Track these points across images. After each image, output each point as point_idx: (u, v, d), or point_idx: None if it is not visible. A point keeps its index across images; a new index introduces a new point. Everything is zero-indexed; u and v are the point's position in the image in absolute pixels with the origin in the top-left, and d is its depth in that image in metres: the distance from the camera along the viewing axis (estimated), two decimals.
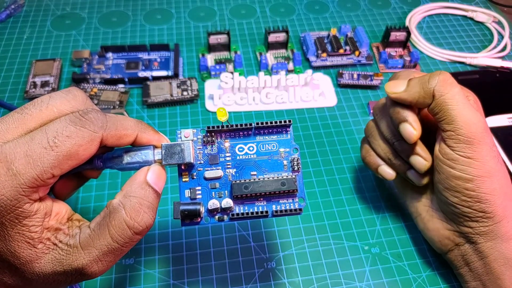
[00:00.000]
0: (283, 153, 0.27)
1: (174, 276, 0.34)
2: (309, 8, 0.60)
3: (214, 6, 0.60)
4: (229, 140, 0.26)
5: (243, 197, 0.26)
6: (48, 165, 0.21)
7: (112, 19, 0.57)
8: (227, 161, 0.26)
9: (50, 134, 0.21)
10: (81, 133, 0.22)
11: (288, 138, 0.27)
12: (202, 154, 0.26)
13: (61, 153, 0.21)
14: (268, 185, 0.25)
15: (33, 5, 0.59)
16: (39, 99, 0.23)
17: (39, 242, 0.22)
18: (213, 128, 0.26)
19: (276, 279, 0.34)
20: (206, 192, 0.26)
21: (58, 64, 0.49)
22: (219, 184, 0.26)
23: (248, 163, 0.26)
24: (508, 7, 0.64)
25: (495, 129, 0.42)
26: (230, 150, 0.26)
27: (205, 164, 0.26)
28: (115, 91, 0.46)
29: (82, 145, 0.22)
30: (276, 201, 0.26)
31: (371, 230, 0.37)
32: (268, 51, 0.52)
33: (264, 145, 0.27)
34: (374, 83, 0.48)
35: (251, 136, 0.27)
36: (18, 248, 0.21)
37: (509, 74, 0.50)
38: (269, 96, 0.46)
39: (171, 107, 0.46)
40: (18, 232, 0.21)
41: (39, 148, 0.21)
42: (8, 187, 0.20)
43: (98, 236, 0.22)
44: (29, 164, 0.20)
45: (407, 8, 0.61)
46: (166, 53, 0.51)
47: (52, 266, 0.22)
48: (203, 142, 0.26)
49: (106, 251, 0.22)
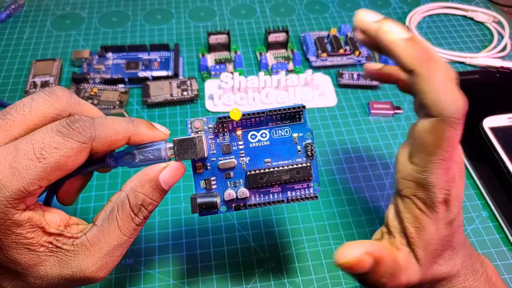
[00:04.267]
0: (296, 139, 0.26)
1: (174, 276, 0.34)
2: (309, 8, 0.60)
3: (214, 6, 0.60)
4: (241, 128, 0.26)
5: (258, 187, 0.26)
6: (35, 177, 0.20)
7: (112, 19, 0.57)
8: (240, 150, 0.26)
9: (36, 145, 0.20)
10: (69, 144, 0.21)
11: (301, 122, 0.26)
12: (215, 144, 0.26)
13: (49, 165, 0.20)
14: (283, 175, 0.25)
15: (33, 5, 0.59)
16: (21, 102, 0.22)
17: (40, 246, 0.21)
18: (225, 119, 0.25)
19: (276, 279, 0.34)
20: (221, 182, 0.26)
21: (58, 64, 0.49)
22: (233, 174, 0.26)
23: (262, 151, 0.26)
24: (508, 7, 0.64)
25: (495, 129, 0.42)
26: (243, 138, 0.26)
27: (218, 154, 0.26)
28: (115, 91, 0.46)
29: (71, 156, 0.21)
30: (291, 187, 0.26)
31: (371, 230, 0.37)
32: (268, 51, 0.52)
33: (277, 131, 0.26)
34: (374, 83, 0.48)
35: (263, 123, 0.26)
36: (17, 255, 0.21)
37: (509, 74, 0.50)
38: (269, 96, 0.46)
39: (171, 107, 0.46)
40: (14, 241, 0.21)
41: (25, 160, 0.20)
42: None
43: (108, 231, 0.22)
44: (14, 176, 0.20)
45: (407, 8, 0.61)
46: (166, 53, 0.51)
47: (59, 268, 0.22)
48: (215, 131, 0.25)
49: (116, 245, 0.23)
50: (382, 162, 0.42)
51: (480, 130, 0.42)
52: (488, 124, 0.42)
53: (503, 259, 0.36)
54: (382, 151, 0.43)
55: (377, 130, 0.45)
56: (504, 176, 0.39)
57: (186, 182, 0.39)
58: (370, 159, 0.42)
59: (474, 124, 0.43)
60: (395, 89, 0.49)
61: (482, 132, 0.42)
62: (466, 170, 0.42)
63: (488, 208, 0.39)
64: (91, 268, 0.22)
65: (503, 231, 0.37)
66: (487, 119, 0.42)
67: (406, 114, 0.47)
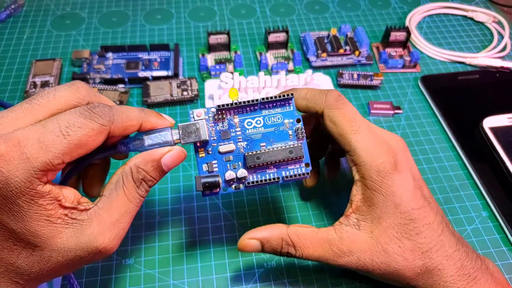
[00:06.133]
0: (287, 124, 0.29)
1: (174, 276, 0.34)
2: (309, 8, 0.61)
3: (214, 6, 0.60)
4: (238, 116, 0.29)
5: (255, 167, 0.28)
6: (60, 151, 0.22)
7: (112, 19, 0.57)
8: (238, 135, 0.29)
9: (62, 124, 0.23)
10: (91, 124, 0.23)
11: (291, 110, 0.29)
12: (215, 131, 0.29)
13: (72, 141, 0.23)
14: (278, 154, 0.28)
15: (33, 5, 0.59)
16: (46, 90, 0.25)
17: (57, 218, 0.23)
18: (223, 106, 0.28)
19: (276, 279, 0.34)
20: (221, 165, 0.29)
21: (58, 64, 0.49)
22: (232, 157, 0.29)
23: (257, 136, 0.29)
24: (508, 7, 0.64)
25: (495, 129, 0.42)
26: (240, 125, 0.29)
27: (218, 140, 0.29)
28: (115, 91, 0.46)
29: (92, 136, 0.23)
30: (285, 167, 0.29)
31: None
32: (268, 51, 0.52)
33: (270, 118, 0.29)
34: (374, 83, 0.48)
35: (257, 111, 0.29)
36: (37, 226, 0.22)
37: (509, 74, 0.50)
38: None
39: (171, 107, 0.46)
40: (36, 212, 0.22)
41: (52, 135, 0.22)
42: (21, 170, 0.21)
43: (116, 198, 0.25)
44: (42, 150, 0.22)
45: (407, 8, 0.61)
46: (166, 53, 0.51)
47: (75, 238, 0.23)
48: (214, 119, 0.28)
49: (124, 211, 0.25)
50: None
51: (480, 130, 0.42)
52: (488, 124, 0.42)
53: (503, 259, 0.36)
54: None
55: None
56: (504, 176, 0.39)
57: (186, 183, 0.39)
58: None
59: (474, 124, 0.43)
60: (395, 89, 0.49)
61: (482, 132, 0.42)
62: (466, 170, 0.42)
63: (488, 208, 0.39)
64: (105, 235, 0.24)
65: (503, 231, 0.37)
66: (487, 119, 0.42)
67: (406, 114, 0.47)
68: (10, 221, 0.22)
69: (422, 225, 0.28)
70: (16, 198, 0.22)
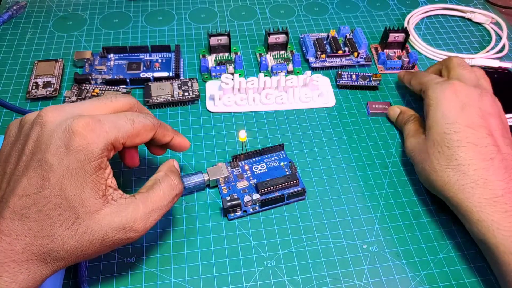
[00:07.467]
0: (283, 165, 0.41)
1: (175, 274, 0.34)
2: (308, 9, 0.61)
3: (214, 8, 0.61)
4: (247, 164, 0.41)
5: (265, 191, 0.38)
6: (126, 133, 0.28)
7: (114, 20, 0.58)
8: (248, 176, 0.40)
9: (129, 116, 0.29)
10: (148, 122, 0.30)
11: (284, 157, 0.41)
12: (232, 175, 0.40)
13: (135, 128, 0.29)
14: (280, 180, 0.38)
15: (35, 6, 0.59)
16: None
17: (103, 194, 0.27)
18: (236, 156, 0.40)
19: (276, 278, 0.34)
20: (240, 196, 0.38)
21: (60, 65, 0.49)
22: (247, 190, 0.39)
23: (263, 174, 0.40)
24: (506, 8, 0.64)
25: None
26: (250, 169, 0.40)
27: (235, 180, 0.39)
28: (116, 91, 0.47)
29: (147, 130, 0.30)
30: (287, 190, 0.39)
31: (370, 229, 0.37)
32: (268, 52, 0.53)
33: (270, 162, 0.41)
34: (373, 84, 0.49)
35: (261, 158, 0.41)
36: (88, 195, 0.26)
37: (507, 74, 0.51)
38: (268, 97, 0.47)
39: (172, 108, 0.47)
40: (93, 180, 0.26)
41: (123, 121, 0.28)
42: (101, 138, 0.26)
43: (153, 194, 0.29)
44: (115, 128, 0.27)
45: (405, 9, 0.61)
46: (167, 54, 0.51)
47: (112, 217, 0.26)
48: (231, 166, 0.40)
49: (157, 207, 0.29)
50: (380, 162, 0.42)
51: None
52: None
53: None
54: (380, 151, 0.43)
55: (376, 130, 0.45)
56: None
57: None
58: (368, 159, 0.43)
59: None
60: (393, 90, 0.50)
61: None
62: None
63: None
64: (138, 219, 0.27)
65: None
66: None
67: None
68: (70, 185, 0.25)
69: (466, 141, 0.31)
70: (88, 162, 0.26)
